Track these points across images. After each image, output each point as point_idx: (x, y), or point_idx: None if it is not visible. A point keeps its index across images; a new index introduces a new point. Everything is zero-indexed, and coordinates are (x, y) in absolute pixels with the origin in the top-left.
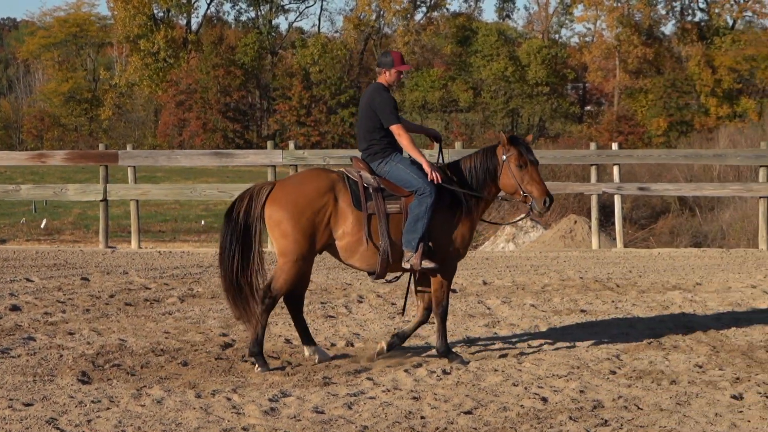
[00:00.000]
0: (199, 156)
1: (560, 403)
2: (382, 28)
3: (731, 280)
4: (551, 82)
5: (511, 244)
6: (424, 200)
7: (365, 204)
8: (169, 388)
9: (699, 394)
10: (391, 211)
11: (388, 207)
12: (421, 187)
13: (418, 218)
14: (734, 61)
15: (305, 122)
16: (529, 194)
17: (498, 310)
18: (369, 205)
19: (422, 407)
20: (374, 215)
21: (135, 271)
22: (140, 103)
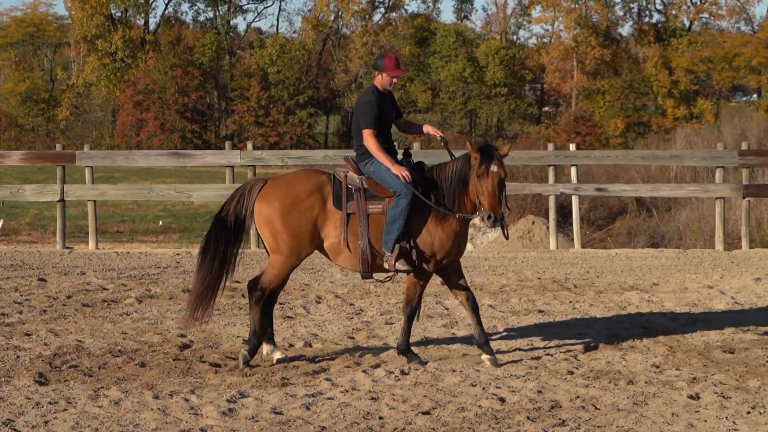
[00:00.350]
0: (156, 156)
1: (518, 403)
2: (340, 28)
3: (688, 280)
4: (509, 83)
5: (469, 244)
6: (400, 201)
7: (345, 204)
8: (126, 389)
9: (656, 394)
10: (372, 212)
11: (369, 207)
12: (399, 188)
13: (394, 219)
14: (691, 62)
15: (263, 123)
16: (481, 205)
17: (456, 311)
18: (349, 205)
19: (380, 408)
20: (353, 215)
21: (92, 272)
22: (98, 103)
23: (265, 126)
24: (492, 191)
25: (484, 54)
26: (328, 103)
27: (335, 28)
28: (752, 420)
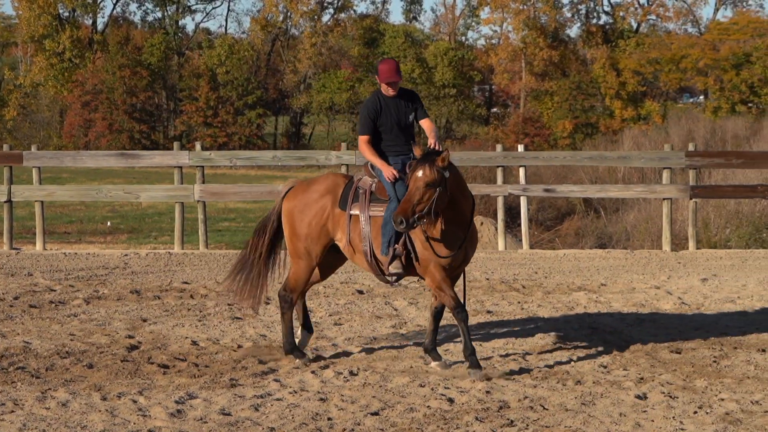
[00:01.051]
0: (105, 157)
1: (467, 403)
2: (289, 29)
3: (635, 281)
4: (458, 84)
5: None
6: (390, 205)
7: (349, 205)
8: (74, 391)
9: (604, 394)
10: (373, 215)
11: (372, 210)
12: (390, 192)
13: (386, 222)
14: (638, 64)
15: (212, 123)
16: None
17: (405, 312)
18: (353, 206)
19: (329, 408)
20: (356, 216)
21: (40, 273)
22: (45, 103)
23: (214, 126)
24: (403, 195)
25: (433, 55)
26: (277, 103)
27: (284, 28)
28: (699, 420)
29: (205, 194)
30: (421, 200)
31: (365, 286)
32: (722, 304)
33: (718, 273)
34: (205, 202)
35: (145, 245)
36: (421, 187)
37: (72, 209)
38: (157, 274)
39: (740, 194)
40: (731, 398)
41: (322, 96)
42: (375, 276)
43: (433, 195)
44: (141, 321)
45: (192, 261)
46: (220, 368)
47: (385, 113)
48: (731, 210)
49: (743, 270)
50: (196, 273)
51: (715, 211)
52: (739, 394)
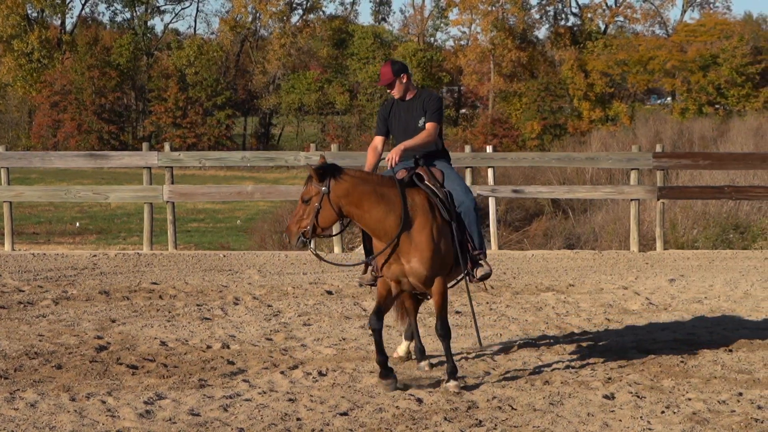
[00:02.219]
0: (73, 158)
1: (435, 404)
2: (258, 30)
3: (603, 281)
4: (427, 85)
5: None
6: None
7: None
8: (43, 392)
9: (572, 394)
10: None
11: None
12: None
13: None
14: (606, 65)
15: (181, 124)
16: None
17: None
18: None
19: (298, 409)
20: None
21: (8, 274)
22: (14, 103)
23: (183, 127)
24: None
25: (402, 56)
26: (246, 104)
27: (253, 29)
28: (666, 419)
29: (174, 195)
30: (302, 217)
31: (334, 286)
32: (689, 304)
33: (685, 273)
34: (174, 202)
35: (113, 246)
36: (299, 202)
37: (41, 210)
38: (125, 274)
39: (707, 195)
40: (698, 398)
41: (291, 97)
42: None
43: (312, 210)
44: (110, 322)
45: (161, 261)
46: (189, 369)
47: (395, 117)
48: (698, 211)
49: (710, 270)
50: (165, 273)
51: (683, 212)
52: (706, 394)
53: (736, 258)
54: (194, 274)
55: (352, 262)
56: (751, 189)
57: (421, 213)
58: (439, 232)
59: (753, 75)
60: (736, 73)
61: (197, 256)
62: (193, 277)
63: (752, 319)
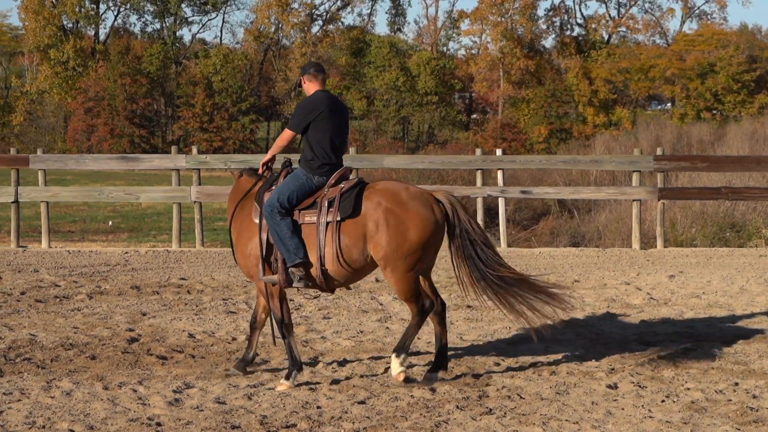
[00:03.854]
0: (106, 160)
1: (448, 393)
2: (280, 39)
3: (607, 277)
4: (440, 92)
5: None
6: None
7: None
8: (77, 381)
9: (577, 384)
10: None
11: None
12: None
13: None
14: (609, 73)
15: (208, 128)
16: None
17: (390, 306)
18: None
19: (318, 397)
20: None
21: (45, 270)
22: (50, 109)
23: (210, 131)
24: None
25: (416, 64)
26: (269, 110)
27: (276, 39)
28: (666, 408)
29: (202, 195)
30: None
31: None
32: (688, 299)
33: (684, 270)
34: (201, 202)
35: (144, 243)
36: None
37: (75, 209)
38: (156, 270)
39: (705, 196)
40: (697, 387)
41: None
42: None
43: None
44: (141, 315)
45: (189, 258)
46: (216, 359)
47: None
48: (697, 211)
49: (708, 267)
50: (192, 269)
51: (682, 211)
52: (704, 384)
53: (732, 255)
54: (220, 270)
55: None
56: (747, 190)
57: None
58: (245, 232)
59: (748, 82)
60: (732, 81)
61: (223, 253)
62: (220, 272)
63: (747, 313)
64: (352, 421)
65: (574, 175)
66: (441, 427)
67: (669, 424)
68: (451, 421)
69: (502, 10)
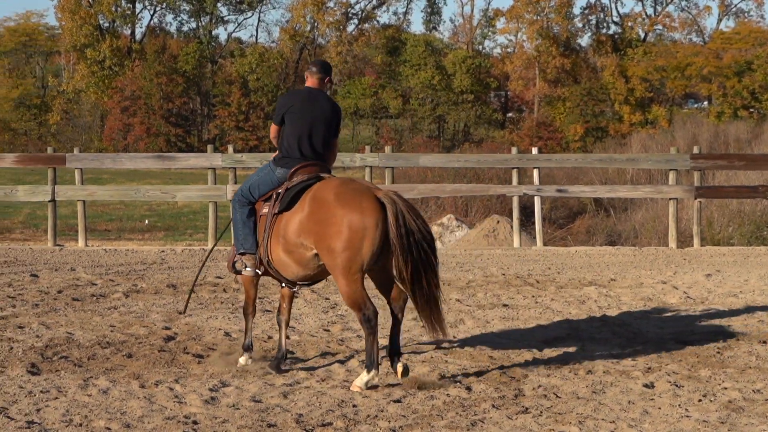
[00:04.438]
0: (143, 159)
1: (484, 392)
2: (316, 38)
3: (643, 276)
4: (475, 91)
5: (438, 242)
6: None
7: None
8: (114, 379)
9: (613, 383)
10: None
11: None
12: None
13: None
14: (646, 71)
15: (243, 127)
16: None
17: None
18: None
19: (354, 396)
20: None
21: (82, 268)
22: (87, 108)
23: (245, 130)
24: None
25: (452, 63)
26: None
27: (311, 38)
28: (703, 407)
29: None
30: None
31: None
32: (725, 298)
33: (721, 269)
34: None
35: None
36: None
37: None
38: (192, 269)
39: (742, 195)
40: (734, 387)
41: (347, 102)
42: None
43: None
44: (177, 313)
45: (225, 257)
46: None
47: None
48: (734, 209)
49: (745, 266)
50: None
51: (719, 210)
52: (742, 383)
53: None
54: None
55: None
56: None
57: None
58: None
59: None
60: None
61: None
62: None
63: None
64: (388, 419)
65: (610, 174)
66: (477, 426)
67: (706, 423)
68: (487, 420)
69: (538, 9)
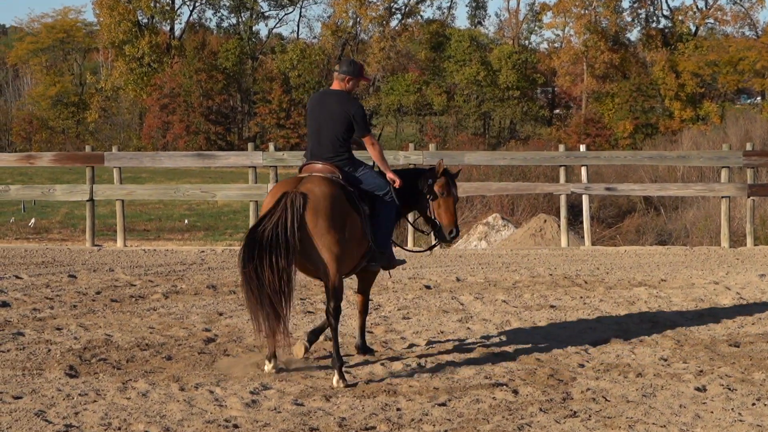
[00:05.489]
0: (182, 157)
1: (531, 395)
2: (358, 34)
3: (695, 276)
4: (521, 87)
5: (483, 242)
6: (393, 204)
7: (362, 205)
8: (153, 382)
9: (664, 386)
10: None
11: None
12: (390, 191)
13: (390, 220)
14: (697, 66)
15: (285, 125)
16: (439, 221)
17: (471, 306)
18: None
19: (398, 399)
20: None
21: (120, 269)
22: (125, 106)
23: (287, 128)
24: (453, 210)
25: (497, 58)
26: None
27: (354, 33)
28: (757, 411)
29: None
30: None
31: (432, 281)
32: None
33: None
34: None
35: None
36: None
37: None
38: (232, 269)
39: None
40: None
41: (391, 98)
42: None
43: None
44: (217, 315)
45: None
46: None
47: None
48: None
49: None
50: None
51: None
52: None
53: None
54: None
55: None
56: None
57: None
58: None
59: None
60: None
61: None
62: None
63: None
64: (433, 423)
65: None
66: (524, 430)
67: (760, 428)
68: (534, 424)
69: (586, 3)
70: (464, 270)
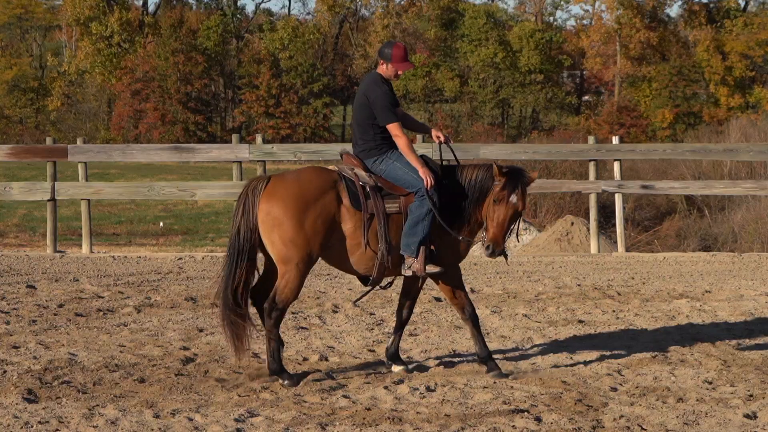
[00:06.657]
0: (157, 151)
1: (556, 423)
2: (359, 9)
3: (744, 287)
4: (545, 70)
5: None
6: (425, 202)
7: (365, 203)
8: (124, 408)
9: (709, 413)
10: (390, 212)
11: (387, 207)
12: (423, 187)
13: (418, 220)
14: (747, 46)
15: (274, 114)
16: (486, 229)
17: (488, 321)
18: (368, 204)
19: (404, 428)
20: (374, 216)
21: (86, 278)
22: (92, 92)
23: (276, 117)
24: (502, 222)
25: (518, 37)
26: (346, 91)
27: (353, 9)
28: None
29: None
30: (510, 231)
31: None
32: None
33: None
34: None
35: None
36: (517, 214)
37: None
38: (214, 279)
39: None
40: None
41: (395, 84)
42: (373, 279)
43: (516, 220)
44: (197, 331)
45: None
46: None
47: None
48: None
49: None
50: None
51: None
52: None
53: None
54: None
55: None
56: None
57: None
58: None
59: None
60: None
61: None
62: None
63: None
64: None
65: (704, 167)
66: None
67: None
68: None
69: None
70: (480, 280)
